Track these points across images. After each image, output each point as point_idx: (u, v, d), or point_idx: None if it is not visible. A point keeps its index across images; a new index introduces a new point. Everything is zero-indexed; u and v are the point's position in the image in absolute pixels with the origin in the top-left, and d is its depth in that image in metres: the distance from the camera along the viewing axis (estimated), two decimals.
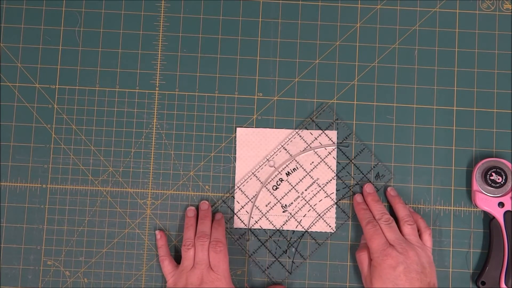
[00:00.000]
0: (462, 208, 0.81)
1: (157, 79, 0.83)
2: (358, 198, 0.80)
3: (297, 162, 0.81)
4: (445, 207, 0.81)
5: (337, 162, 0.81)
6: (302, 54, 0.83)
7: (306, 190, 0.81)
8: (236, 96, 0.82)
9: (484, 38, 0.82)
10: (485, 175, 0.79)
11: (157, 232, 0.80)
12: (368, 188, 0.80)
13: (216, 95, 0.82)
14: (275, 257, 0.80)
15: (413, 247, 0.74)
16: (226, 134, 0.82)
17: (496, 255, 0.78)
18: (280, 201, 0.81)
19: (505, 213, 0.78)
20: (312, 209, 0.81)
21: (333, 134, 0.81)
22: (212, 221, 0.79)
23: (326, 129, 0.81)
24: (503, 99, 0.82)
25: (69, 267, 0.81)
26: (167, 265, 0.78)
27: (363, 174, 0.81)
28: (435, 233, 0.80)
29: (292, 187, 0.81)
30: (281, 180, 0.81)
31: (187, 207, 0.81)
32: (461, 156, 0.81)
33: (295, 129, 0.81)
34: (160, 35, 0.83)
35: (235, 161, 0.81)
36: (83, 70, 0.83)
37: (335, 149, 0.81)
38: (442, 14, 0.83)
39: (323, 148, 0.81)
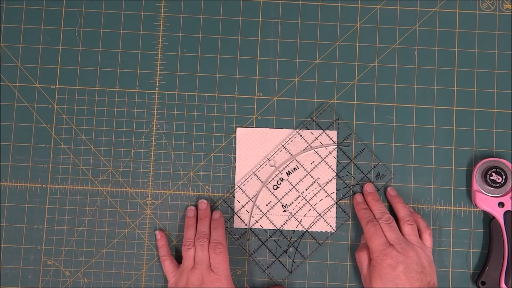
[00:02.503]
0: (462, 208, 0.81)
1: (157, 79, 0.83)
2: (358, 197, 0.80)
3: (298, 162, 0.81)
4: (445, 207, 0.81)
5: (337, 161, 0.81)
6: (302, 54, 0.83)
7: (306, 189, 0.81)
8: (236, 96, 0.82)
9: (484, 38, 0.83)
10: (485, 175, 0.79)
11: (157, 232, 0.80)
12: (368, 187, 0.80)
13: (216, 95, 0.82)
14: (275, 256, 0.80)
15: (413, 247, 0.74)
16: (226, 134, 0.82)
17: (496, 255, 0.78)
18: (280, 200, 0.81)
19: (505, 213, 0.78)
20: (312, 209, 0.81)
21: (333, 133, 0.81)
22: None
23: (327, 128, 0.81)
24: (503, 99, 0.82)
25: (69, 267, 0.81)
26: (168, 265, 0.78)
27: (363, 174, 0.81)
28: (435, 233, 0.80)
29: (292, 186, 0.81)
30: (282, 179, 0.81)
31: (187, 207, 0.81)
32: (461, 156, 0.81)
33: (296, 128, 0.81)
34: (160, 35, 0.83)
35: (235, 161, 0.81)
36: (83, 70, 0.83)
37: (336, 149, 0.81)
38: (442, 14, 0.83)
39: (324, 147, 0.81)
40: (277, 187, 0.81)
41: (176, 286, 0.75)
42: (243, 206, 0.81)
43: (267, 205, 0.81)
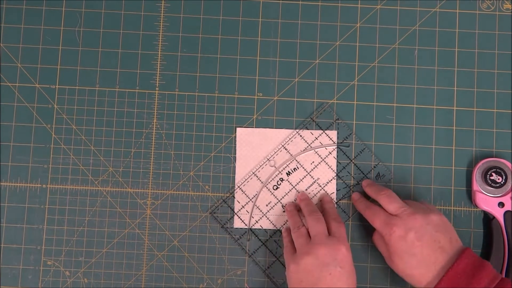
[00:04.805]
0: (462, 208, 0.81)
1: (157, 79, 0.83)
2: (355, 196, 0.79)
3: (298, 162, 0.81)
4: (445, 207, 0.81)
5: (337, 162, 0.81)
6: (302, 54, 0.83)
7: (306, 190, 0.81)
8: (236, 96, 0.82)
9: (484, 38, 0.83)
10: (485, 175, 0.79)
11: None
12: (365, 183, 0.79)
13: (216, 95, 0.82)
14: (275, 256, 0.80)
15: (419, 209, 0.71)
16: (226, 134, 0.82)
17: (496, 255, 0.78)
18: (280, 200, 0.81)
19: (505, 213, 0.78)
20: None
21: (333, 134, 0.81)
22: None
23: (327, 129, 0.81)
24: (503, 99, 0.82)
25: (69, 267, 0.81)
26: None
27: (363, 174, 0.81)
28: None
29: (292, 186, 0.81)
30: (282, 179, 0.81)
31: (187, 207, 0.81)
32: (461, 156, 0.81)
33: (296, 128, 0.81)
34: (160, 35, 0.83)
35: (235, 161, 0.81)
36: (83, 70, 0.83)
37: (336, 149, 0.81)
38: (442, 14, 0.83)
39: (324, 148, 0.81)
40: (277, 187, 0.81)
41: (300, 264, 0.71)
42: (243, 207, 0.81)
43: (267, 205, 0.81)
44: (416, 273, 0.69)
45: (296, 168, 0.81)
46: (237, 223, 0.81)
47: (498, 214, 0.78)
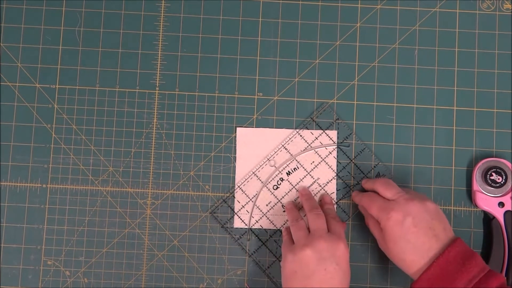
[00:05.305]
0: (462, 208, 0.81)
1: (157, 79, 0.83)
2: (354, 193, 0.79)
3: (298, 162, 0.81)
4: (445, 207, 0.81)
5: (337, 161, 0.81)
6: (302, 54, 0.83)
7: None
8: (236, 96, 0.82)
9: (484, 38, 0.83)
10: (485, 175, 0.79)
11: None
12: (364, 181, 0.79)
13: (216, 95, 0.82)
14: (275, 256, 0.80)
15: (415, 196, 0.71)
16: (226, 134, 0.82)
17: (496, 255, 0.78)
18: (280, 200, 0.81)
19: (505, 213, 0.78)
20: None
21: (333, 133, 0.81)
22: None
23: (327, 128, 0.81)
24: (503, 99, 0.82)
25: (69, 267, 0.81)
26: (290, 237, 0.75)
27: (363, 174, 0.81)
28: None
29: (292, 186, 0.81)
30: (282, 179, 0.81)
31: (187, 207, 0.81)
32: (461, 156, 0.81)
33: (296, 128, 0.82)
34: (160, 35, 0.83)
35: (235, 161, 0.81)
36: (83, 70, 0.83)
37: (336, 149, 0.81)
38: (442, 14, 0.83)
39: (324, 147, 0.81)
40: (277, 187, 0.81)
41: (295, 256, 0.71)
42: (243, 206, 0.81)
43: (267, 205, 0.81)
44: (409, 258, 0.69)
45: (296, 168, 0.81)
46: (237, 223, 0.81)
47: (498, 214, 0.78)
